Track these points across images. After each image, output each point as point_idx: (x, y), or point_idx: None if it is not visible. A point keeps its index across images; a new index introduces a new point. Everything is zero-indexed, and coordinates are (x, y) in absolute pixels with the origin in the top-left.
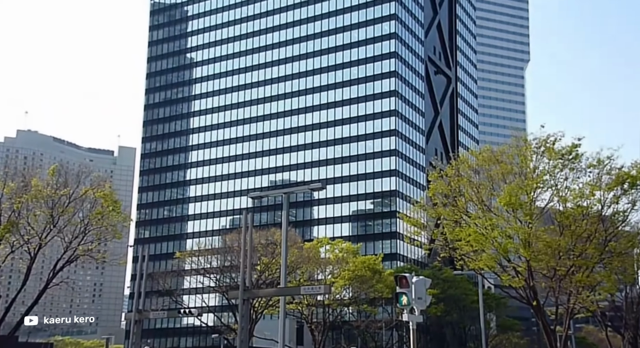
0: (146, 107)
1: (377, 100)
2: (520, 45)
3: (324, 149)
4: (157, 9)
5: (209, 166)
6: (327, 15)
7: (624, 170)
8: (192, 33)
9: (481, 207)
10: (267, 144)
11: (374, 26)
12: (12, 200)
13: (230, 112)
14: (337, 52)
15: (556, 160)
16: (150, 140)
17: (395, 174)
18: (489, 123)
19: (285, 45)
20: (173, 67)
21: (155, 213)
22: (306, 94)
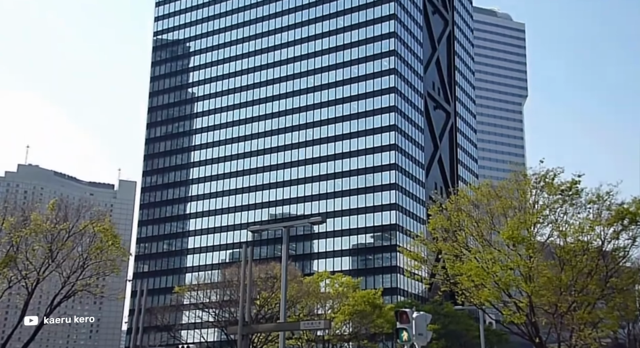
0: (147, 141)
1: (377, 135)
2: (518, 81)
3: (324, 182)
4: (159, 45)
5: (209, 199)
6: (328, 51)
7: (623, 205)
8: (193, 68)
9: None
10: (267, 177)
11: (374, 62)
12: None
13: (231, 146)
14: (338, 87)
15: (556, 196)
16: (151, 174)
17: (395, 208)
18: (488, 157)
19: (286, 80)
20: (174, 102)
21: (155, 247)
22: (306, 128)
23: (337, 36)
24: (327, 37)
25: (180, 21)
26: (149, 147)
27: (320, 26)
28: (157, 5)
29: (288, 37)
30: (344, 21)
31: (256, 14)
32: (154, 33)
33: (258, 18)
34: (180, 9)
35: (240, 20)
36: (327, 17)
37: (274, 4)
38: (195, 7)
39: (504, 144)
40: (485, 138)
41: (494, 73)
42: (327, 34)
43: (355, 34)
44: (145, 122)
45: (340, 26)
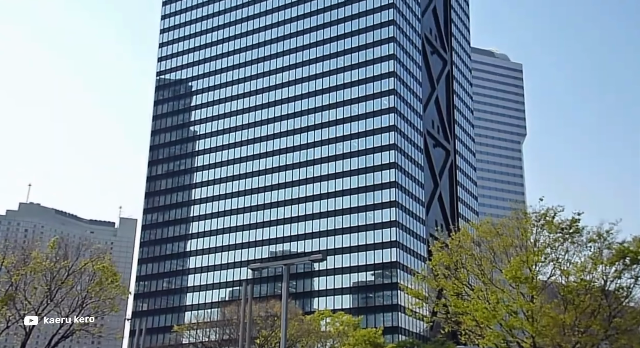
0: (149, 179)
1: (377, 172)
2: (517, 120)
3: (324, 219)
4: (162, 85)
5: (209, 237)
6: (328, 90)
7: (624, 244)
8: (195, 107)
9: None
10: (267, 214)
11: (374, 100)
12: (11, 273)
13: (232, 183)
14: (338, 125)
15: (556, 234)
16: (152, 212)
17: (396, 245)
18: (488, 195)
19: (287, 118)
20: (176, 140)
21: (154, 285)
22: (307, 165)
23: (337, 75)
24: (327, 76)
25: (183, 61)
26: (150, 185)
27: (321, 66)
28: (160, 46)
29: (289, 77)
30: (344, 61)
31: (257, 54)
32: (157, 73)
33: (260, 58)
34: (183, 50)
35: (241, 60)
36: (327, 57)
37: (275, 45)
38: (198, 48)
39: (503, 181)
40: (485, 176)
41: (493, 112)
42: (327, 73)
43: (356, 74)
44: (147, 160)
45: (341, 66)
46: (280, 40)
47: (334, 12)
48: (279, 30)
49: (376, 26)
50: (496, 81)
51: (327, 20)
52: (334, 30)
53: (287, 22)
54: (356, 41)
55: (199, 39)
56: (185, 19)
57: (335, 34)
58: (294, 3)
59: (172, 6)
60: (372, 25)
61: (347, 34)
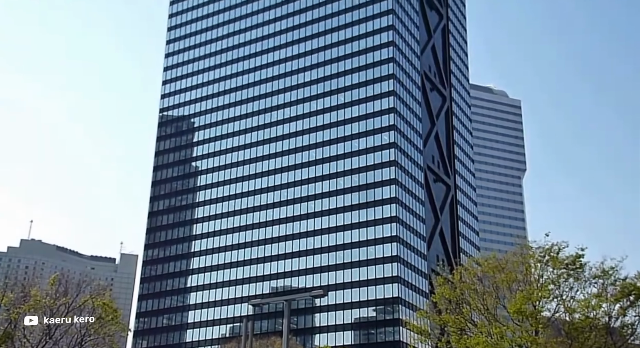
0: (150, 215)
1: (378, 207)
2: (517, 155)
3: (326, 255)
4: (165, 121)
5: (210, 272)
6: (329, 126)
7: (628, 281)
8: (197, 143)
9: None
10: (268, 250)
11: (374, 136)
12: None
13: (233, 219)
14: (339, 160)
15: (560, 270)
16: (153, 247)
17: (397, 281)
18: (489, 230)
19: (288, 153)
20: (178, 176)
21: (154, 322)
22: (307, 200)
23: (338, 111)
24: (328, 113)
25: (186, 98)
26: (151, 221)
27: (322, 102)
28: (163, 84)
29: (290, 113)
30: (345, 97)
31: (259, 91)
32: (160, 109)
33: (261, 95)
34: (185, 87)
35: (243, 97)
36: (328, 93)
37: (276, 82)
38: (201, 85)
39: (504, 216)
40: (486, 211)
41: (493, 147)
42: (328, 109)
43: (356, 110)
44: (149, 195)
45: (341, 102)
46: (282, 78)
47: (334, 50)
48: (280, 68)
49: (376, 63)
50: (495, 117)
51: (327, 57)
52: (335, 67)
53: (287, 60)
54: (356, 78)
55: (202, 77)
56: (188, 57)
57: (336, 71)
58: (294, 41)
59: (176, 45)
60: (372, 62)
61: (347, 71)
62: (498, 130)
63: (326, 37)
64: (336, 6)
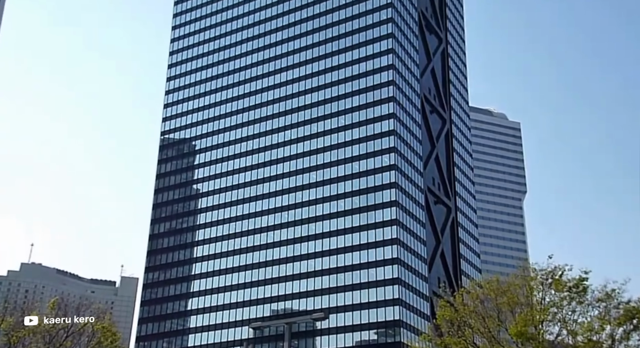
0: (151, 237)
1: (379, 229)
2: (517, 177)
3: (326, 277)
4: (166, 144)
5: (210, 295)
6: (330, 148)
7: (632, 304)
8: (198, 166)
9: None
10: (269, 272)
11: (375, 158)
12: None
13: (233, 241)
14: (340, 182)
15: (563, 293)
16: (153, 270)
17: (398, 303)
18: (491, 252)
19: (288, 176)
20: (179, 198)
21: (155, 345)
22: (308, 222)
23: (338, 134)
24: (328, 135)
25: (187, 121)
26: (152, 243)
27: (322, 125)
28: (165, 107)
29: (291, 135)
30: (346, 120)
31: (260, 114)
32: (161, 132)
33: (262, 117)
34: (187, 110)
35: (244, 120)
36: (328, 116)
37: (277, 104)
38: (202, 108)
39: (505, 238)
40: (487, 233)
41: (493, 169)
42: (328, 131)
43: (357, 132)
44: (150, 218)
45: (342, 124)
46: (282, 101)
47: (335, 73)
48: (281, 91)
49: (376, 86)
50: (495, 139)
51: (327, 80)
52: (335, 90)
53: (287, 83)
54: (357, 101)
55: (203, 100)
56: (189, 80)
57: (336, 94)
58: (295, 65)
59: (177, 68)
60: (372, 85)
61: (347, 94)
62: (498, 153)
63: (326, 60)
64: (336, 30)
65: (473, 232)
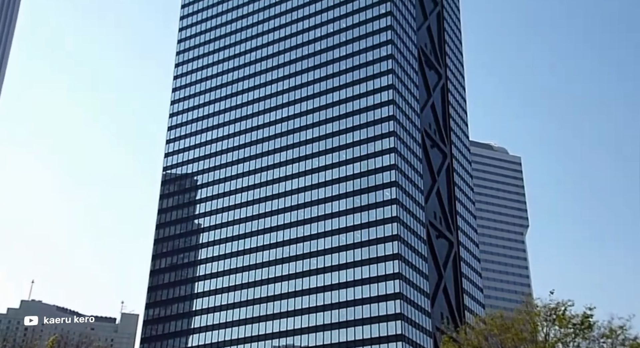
0: (152, 273)
1: (381, 263)
2: (518, 211)
3: (329, 312)
4: (168, 179)
5: (212, 331)
6: (331, 183)
7: (638, 340)
8: (200, 200)
9: None
10: (270, 308)
11: (376, 192)
12: None
13: (235, 276)
14: (341, 216)
15: (568, 329)
16: (154, 306)
17: (401, 339)
18: (494, 287)
19: (290, 210)
20: (180, 233)
21: None
22: (310, 257)
23: (340, 168)
24: (329, 169)
25: (189, 156)
26: (153, 279)
27: (324, 159)
28: (167, 143)
29: (292, 170)
30: (347, 154)
31: (262, 149)
32: (163, 168)
33: (263, 152)
34: (189, 146)
35: (246, 155)
36: (329, 150)
37: (278, 140)
38: (204, 144)
39: (508, 273)
40: (489, 267)
41: (495, 203)
42: (330, 166)
43: (358, 166)
44: (151, 253)
45: (343, 159)
46: (284, 135)
47: (336, 109)
48: (282, 126)
49: (377, 121)
50: (496, 173)
51: (329, 115)
52: (336, 125)
53: (289, 118)
54: (358, 135)
55: (205, 135)
56: (191, 116)
57: (337, 129)
58: (295, 101)
59: (180, 105)
60: (372, 120)
61: (348, 129)
62: (499, 187)
63: (327, 96)
64: (337, 66)
65: (475, 267)
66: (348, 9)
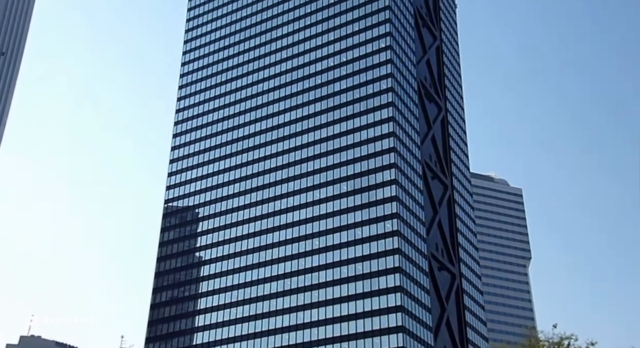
0: (152, 307)
1: (383, 296)
2: (521, 243)
3: (330, 345)
4: (170, 212)
5: None
6: (332, 214)
7: None
8: (201, 233)
9: None
10: (272, 341)
11: (377, 224)
12: None
13: (236, 309)
14: (342, 248)
15: None
16: (154, 341)
17: None
18: (497, 320)
19: (291, 242)
20: (182, 266)
21: None
22: (311, 290)
23: (340, 200)
24: (330, 201)
25: (191, 189)
26: (153, 313)
27: (324, 191)
28: (169, 176)
29: (293, 202)
30: (348, 186)
31: (263, 181)
32: (165, 201)
33: (265, 184)
34: (190, 178)
35: (247, 187)
36: (330, 182)
37: (279, 172)
38: (205, 176)
39: (512, 306)
40: (492, 300)
41: (497, 235)
42: (330, 198)
43: (359, 198)
44: (152, 287)
45: (344, 191)
46: (285, 168)
47: (337, 141)
48: (283, 158)
49: (377, 153)
50: (497, 205)
51: (329, 147)
52: (337, 157)
53: (290, 150)
54: (358, 167)
55: (207, 168)
56: (192, 149)
57: (339, 161)
58: (296, 133)
59: (182, 138)
60: (373, 152)
61: (349, 161)
62: (501, 219)
63: (328, 129)
64: (338, 99)
65: (478, 299)
66: (348, 43)
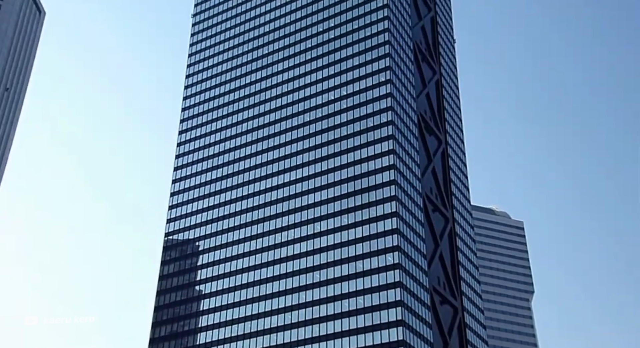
0: (151, 341)
1: (384, 330)
2: (523, 277)
3: None
4: (170, 245)
5: None
6: (333, 247)
7: None
8: (201, 266)
9: None
10: None
11: (378, 257)
12: None
13: (236, 344)
14: (343, 282)
15: None
16: None
17: None
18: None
19: (292, 275)
20: (181, 300)
21: None
22: (312, 323)
23: (342, 232)
24: (332, 234)
25: (191, 222)
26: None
27: (326, 223)
28: (169, 209)
29: (294, 234)
30: (348, 219)
31: (264, 214)
32: (165, 234)
33: (265, 217)
34: (191, 211)
35: (248, 220)
36: (331, 215)
37: (280, 205)
38: (206, 209)
39: (515, 340)
40: (495, 335)
41: (499, 268)
42: (332, 230)
43: (360, 231)
44: (151, 321)
45: (345, 223)
46: (286, 200)
47: (337, 173)
48: (284, 191)
49: (378, 186)
50: (499, 238)
51: (330, 180)
52: (337, 189)
53: (290, 183)
54: (359, 200)
55: (207, 201)
56: (193, 182)
57: (339, 193)
58: (297, 166)
59: (182, 171)
60: (374, 185)
61: (350, 193)
62: (503, 252)
63: (329, 161)
64: (338, 132)
65: (481, 334)
66: (349, 77)
